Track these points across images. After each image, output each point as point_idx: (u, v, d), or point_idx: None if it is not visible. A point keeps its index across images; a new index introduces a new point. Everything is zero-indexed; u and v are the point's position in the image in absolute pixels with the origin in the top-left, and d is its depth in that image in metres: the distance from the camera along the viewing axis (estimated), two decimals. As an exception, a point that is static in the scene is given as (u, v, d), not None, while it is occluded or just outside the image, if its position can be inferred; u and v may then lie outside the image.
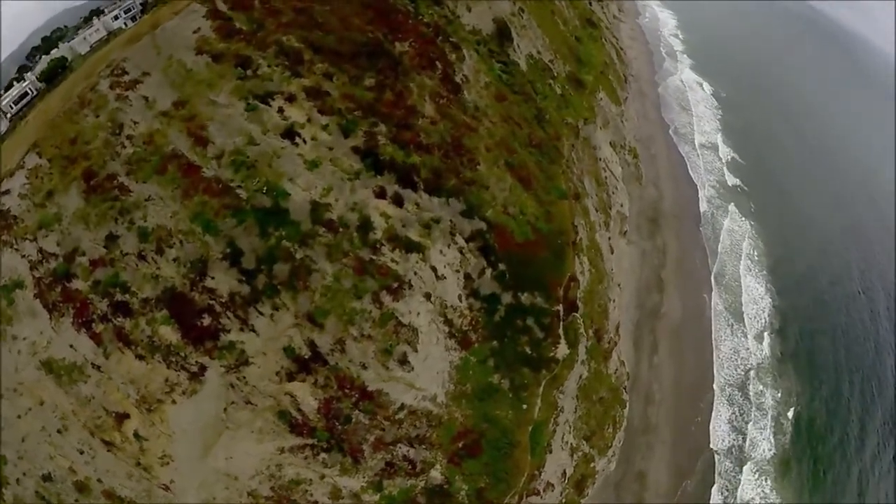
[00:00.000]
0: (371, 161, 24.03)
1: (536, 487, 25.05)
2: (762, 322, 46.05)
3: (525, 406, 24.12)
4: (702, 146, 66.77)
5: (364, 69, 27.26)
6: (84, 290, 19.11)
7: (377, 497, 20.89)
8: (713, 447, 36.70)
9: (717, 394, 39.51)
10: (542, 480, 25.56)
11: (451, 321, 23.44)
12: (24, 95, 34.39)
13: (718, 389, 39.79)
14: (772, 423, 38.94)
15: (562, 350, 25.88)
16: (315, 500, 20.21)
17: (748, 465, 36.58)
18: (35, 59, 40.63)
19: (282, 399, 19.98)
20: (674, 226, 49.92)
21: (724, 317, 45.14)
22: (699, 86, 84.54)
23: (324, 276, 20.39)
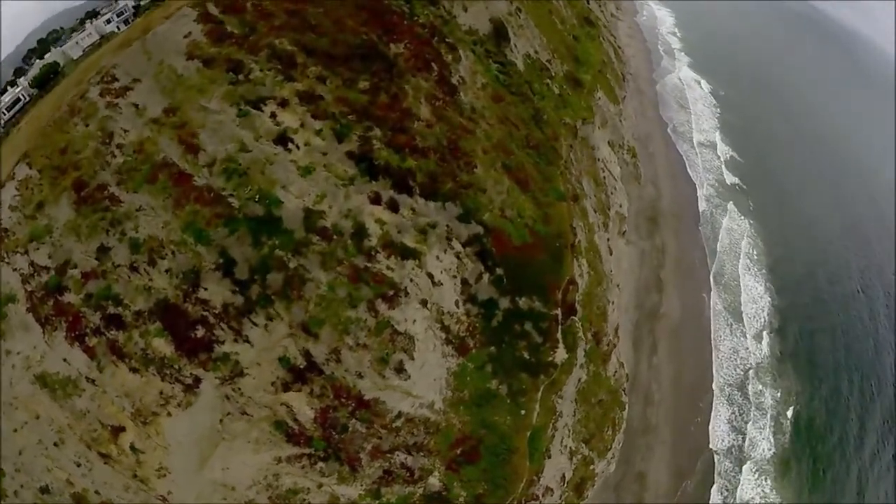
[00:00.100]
0: (365, 166, 23.73)
1: (535, 493, 25.02)
2: (761, 321, 45.94)
3: (523, 412, 24.02)
4: (700, 144, 66.33)
5: (358, 72, 26.90)
6: (76, 304, 18.94)
7: (375, 505, 20.87)
8: (713, 447, 36.71)
9: (717, 394, 39.50)
10: (541, 485, 25.52)
11: (448, 327, 23.27)
12: (17, 101, 34.10)
13: (718, 389, 39.76)
14: (771, 423, 38.94)
15: (560, 354, 25.73)
16: (313, 509, 20.19)
17: (748, 465, 36.60)
18: (31, 62, 40.27)
19: (278, 409, 19.86)
20: (673, 225, 49.67)
21: (724, 316, 45.03)
22: (697, 84, 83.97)
23: (318, 285, 20.19)
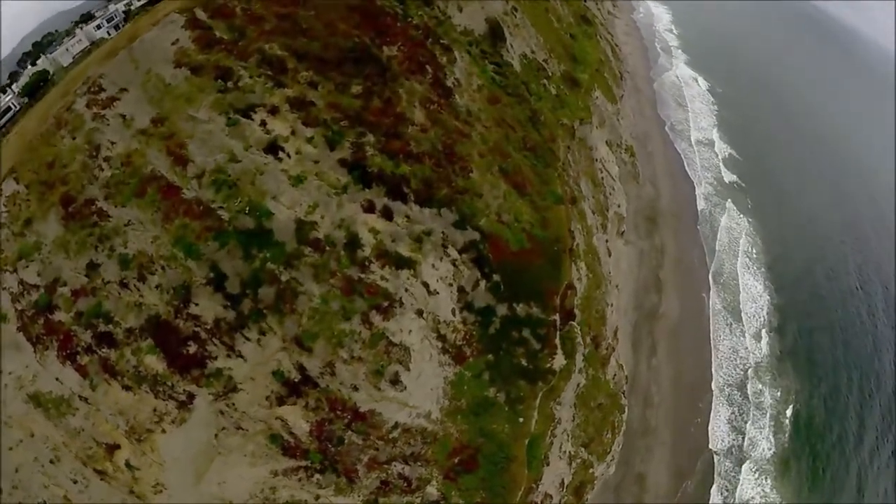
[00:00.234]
0: (359, 173, 23.35)
1: (534, 500, 24.92)
2: (761, 320, 45.77)
3: (521, 419, 23.87)
4: (698, 142, 65.81)
5: (350, 76, 26.43)
6: (67, 322, 18.72)
7: (373, 516, 20.78)
8: (712, 447, 36.65)
9: (716, 394, 39.39)
10: (540, 492, 25.43)
11: (445, 336, 23.04)
12: (8, 110, 33.54)
13: (717, 389, 39.66)
14: (771, 422, 38.89)
15: (559, 361, 25.54)
16: (310, 522, 20.09)
17: (747, 465, 36.58)
18: (25, 65, 39.68)
19: (273, 423, 19.70)
20: (671, 224, 49.30)
21: (723, 316, 44.83)
22: (695, 81, 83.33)
23: (311, 298, 19.93)
